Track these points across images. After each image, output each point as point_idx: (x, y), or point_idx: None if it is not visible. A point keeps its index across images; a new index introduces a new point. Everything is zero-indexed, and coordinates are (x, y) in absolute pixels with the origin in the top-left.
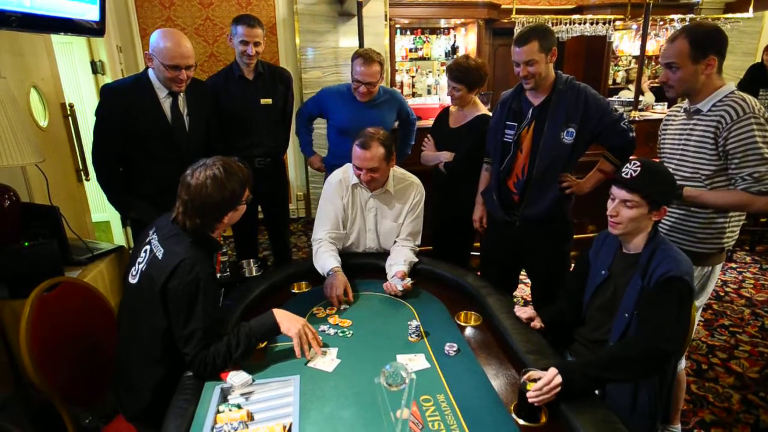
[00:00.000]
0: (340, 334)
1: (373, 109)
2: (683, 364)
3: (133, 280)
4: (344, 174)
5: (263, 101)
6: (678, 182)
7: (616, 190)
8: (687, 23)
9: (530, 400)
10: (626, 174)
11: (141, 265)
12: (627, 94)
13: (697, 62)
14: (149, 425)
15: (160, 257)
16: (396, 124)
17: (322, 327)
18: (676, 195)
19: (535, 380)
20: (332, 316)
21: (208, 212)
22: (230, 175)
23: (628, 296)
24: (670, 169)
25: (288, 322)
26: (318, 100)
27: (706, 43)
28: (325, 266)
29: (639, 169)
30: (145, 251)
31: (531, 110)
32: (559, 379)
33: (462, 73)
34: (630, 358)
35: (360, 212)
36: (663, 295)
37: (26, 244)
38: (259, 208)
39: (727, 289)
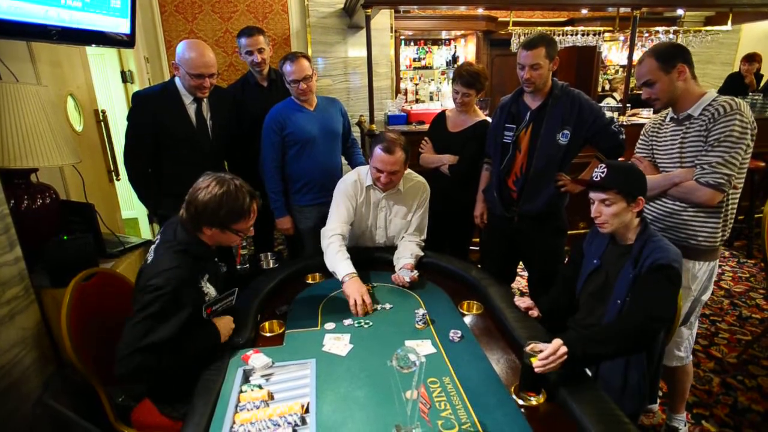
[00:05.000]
0: (356, 325)
1: (323, 113)
2: (690, 357)
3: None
4: (358, 176)
5: None
6: None
7: (593, 194)
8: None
9: (537, 370)
10: (596, 177)
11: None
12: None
13: (668, 72)
14: (164, 404)
15: (149, 261)
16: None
17: (346, 321)
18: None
19: (538, 352)
20: None
21: (203, 214)
22: (237, 193)
23: (620, 284)
24: None
25: (223, 328)
26: (275, 122)
27: (669, 54)
28: (339, 271)
29: (605, 170)
30: (148, 251)
31: (529, 113)
32: (564, 349)
33: (473, 78)
34: (623, 333)
35: (372, 211)
36: (653, 280)
37: (65, 237)
38: None
39: None
